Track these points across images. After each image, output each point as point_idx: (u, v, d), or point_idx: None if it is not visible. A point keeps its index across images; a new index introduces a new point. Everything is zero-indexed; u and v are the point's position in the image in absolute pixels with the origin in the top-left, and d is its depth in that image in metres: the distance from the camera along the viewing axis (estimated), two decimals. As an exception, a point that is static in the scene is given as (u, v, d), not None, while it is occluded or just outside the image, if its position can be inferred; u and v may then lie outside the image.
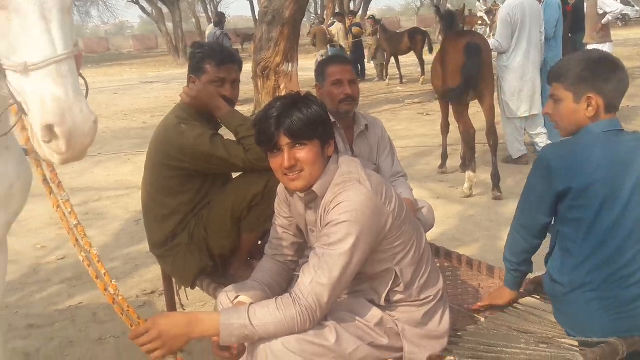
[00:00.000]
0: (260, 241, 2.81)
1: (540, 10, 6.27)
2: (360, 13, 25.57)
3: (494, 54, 5.70)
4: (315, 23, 19.25)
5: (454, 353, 1.97)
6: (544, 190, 1.95)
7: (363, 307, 1.93)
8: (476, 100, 5.34)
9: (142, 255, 4.32)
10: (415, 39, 14.22)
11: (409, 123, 9.23)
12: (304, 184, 1.85)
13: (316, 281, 1.73)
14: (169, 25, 28.64)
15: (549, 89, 2.04)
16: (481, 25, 19.87)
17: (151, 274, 4.04)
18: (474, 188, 5.32)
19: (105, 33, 68.16)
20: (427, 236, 2.23)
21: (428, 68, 10.12)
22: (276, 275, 2.11)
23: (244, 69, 2.77)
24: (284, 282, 2.13)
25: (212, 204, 2.62)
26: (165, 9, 28.84)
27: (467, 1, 23.92)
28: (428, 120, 9.26)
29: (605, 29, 7.29)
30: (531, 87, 6.18)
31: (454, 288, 2.65)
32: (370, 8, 35.16)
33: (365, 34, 15.39)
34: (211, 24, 13.74)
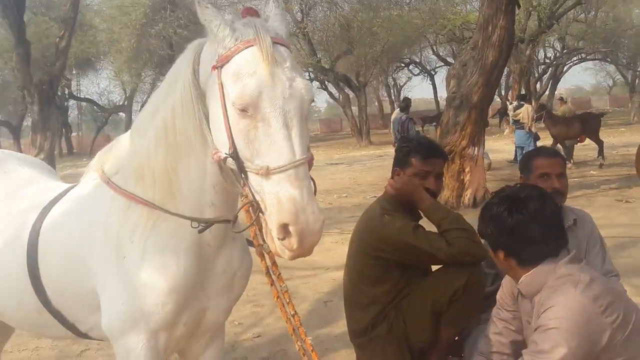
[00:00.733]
0: (457, 337, 2.71)
1: None
2: (547, 93, 24.71)
3: None
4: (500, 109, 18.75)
5: None
6: None
7: None
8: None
9: (331, 339, 4.36)
10: (590, 125, 13.18)
11: (607, 211, 8.48)
12: None
13: None
14: (354, 109, 30.11)
15: None
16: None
17: (340, 358, 4.05)
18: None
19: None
20: None
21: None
22: None
23: None
24: None
25: (412, 295, 2.61)
26: (352, 94, 30.44)
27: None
28: (628, 207, 8.45)
29: None
30: None
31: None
32: (558, 87, 33.89)
33: (527, 123, 13.91)
34: (397, 109, 14.11)
